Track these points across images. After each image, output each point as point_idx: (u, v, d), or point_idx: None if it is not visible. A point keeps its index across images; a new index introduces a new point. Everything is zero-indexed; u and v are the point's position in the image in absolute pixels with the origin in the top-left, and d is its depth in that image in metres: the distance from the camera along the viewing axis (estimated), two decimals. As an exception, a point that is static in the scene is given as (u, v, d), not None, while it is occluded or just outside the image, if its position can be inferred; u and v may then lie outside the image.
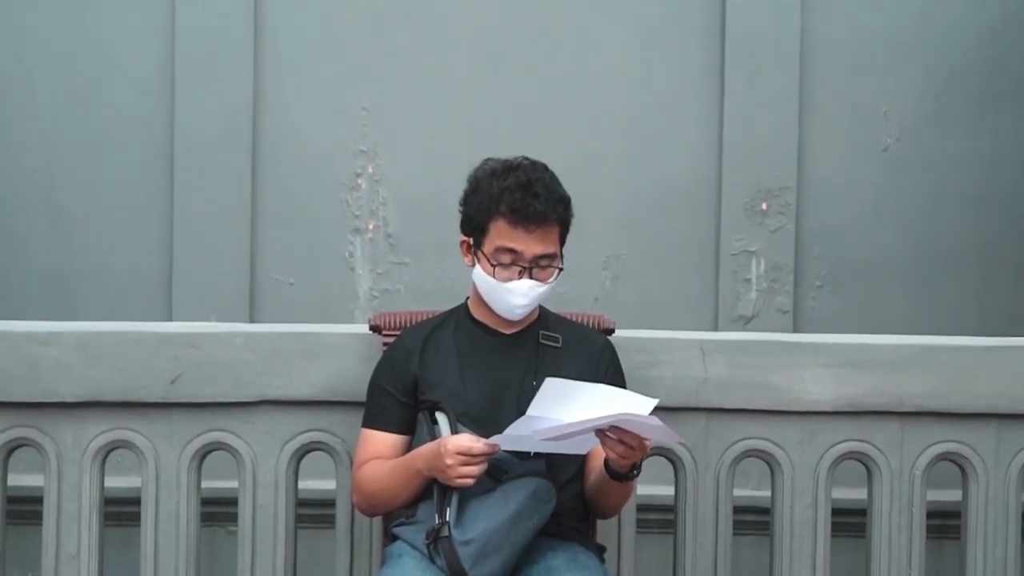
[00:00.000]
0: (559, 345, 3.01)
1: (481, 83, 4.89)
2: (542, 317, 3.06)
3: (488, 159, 3.01)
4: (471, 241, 2.98)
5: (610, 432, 2.70)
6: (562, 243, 2.97)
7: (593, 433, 2.71)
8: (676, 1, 4.91)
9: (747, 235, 4.89)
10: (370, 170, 4.88)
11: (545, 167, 3.00)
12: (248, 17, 4.83)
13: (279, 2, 4.88)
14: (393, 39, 4.88)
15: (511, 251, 2.90)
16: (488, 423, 2.88)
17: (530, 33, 4.89)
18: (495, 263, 2.91)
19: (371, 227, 4.89)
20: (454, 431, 2.85)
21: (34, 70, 4.85)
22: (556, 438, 2.70)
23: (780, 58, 4.88)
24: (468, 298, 3.07)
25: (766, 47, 4.87)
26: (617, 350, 3.08)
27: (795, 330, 4.84)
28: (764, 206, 4.89)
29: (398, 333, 3.10)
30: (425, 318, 3.12)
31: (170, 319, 4.78)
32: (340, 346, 3.22)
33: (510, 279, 2.92)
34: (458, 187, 3.04)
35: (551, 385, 2.72)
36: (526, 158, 3.00)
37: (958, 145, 4.95)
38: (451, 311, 3.09)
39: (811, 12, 4.91)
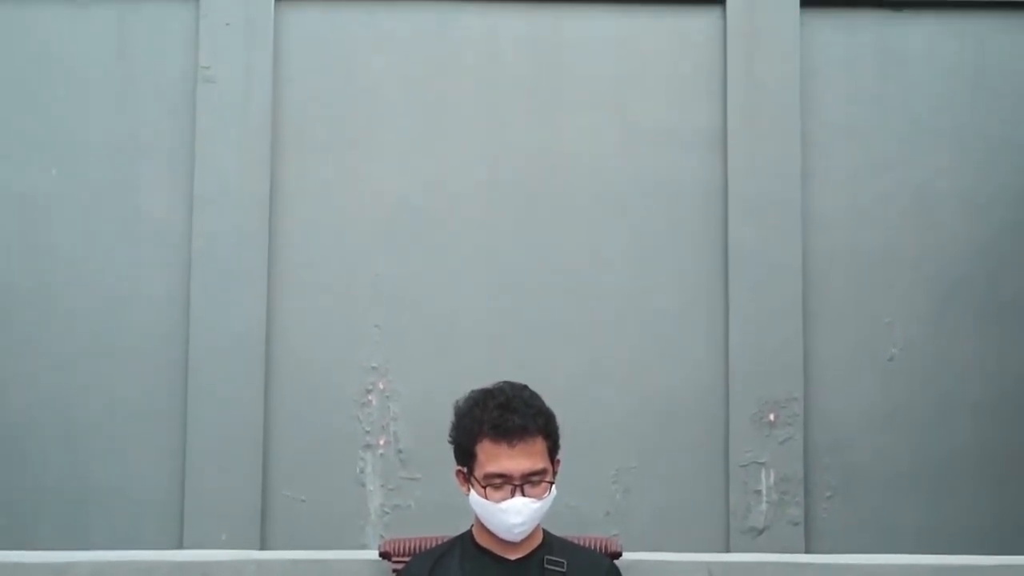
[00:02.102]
0: (564, 570, 3.02)
1: (490, 301, 4.99)
2: (546, 542, 3.08)
3: (471, 390, 3.07)
4: (465, 470, 3.03)
5: None
6: (552, 458, 3.01)
7: None
8: (679, 218, 5.03)
9: (756, 446, 4.91)
10: (381, 386, 4.95)
11: (524, 386, 3.06)
12: (263, 236, 4.95)
13: (293, 221, 5.00)
14: (405, 259, 5.00)
15: (500, 475, 2.95)
16: (493, 650, 2.89)
17: (537, 252, 5.01)
18: (486, 485, 2.96)
19: (382, 443, 4.93)
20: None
21: (54, 290, 4.96)
22: None
23: (783, 271, 4.97)
24: (473, 525, 3.09)
25: (768, 261, 4.96)
26: (624, 573, 3.09)
27: (807, 542, 4.84)
28: (772, 417, 4.92)
29: (407, 560, 3.12)
30: (434, 544, 3.14)
31: (182, 536, 4.80)
32: (350, 574, 3.23)
33: (503, 499, 2.95)
34: (468, 403, 3.09)
35: None
36: (506, 382, 3.06)
37: (962, 354, 5.01)
38: (457, 537, 3.11)
39: (812, 227, 5.02)
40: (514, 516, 2.94)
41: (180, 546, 4.80)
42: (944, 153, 5.09)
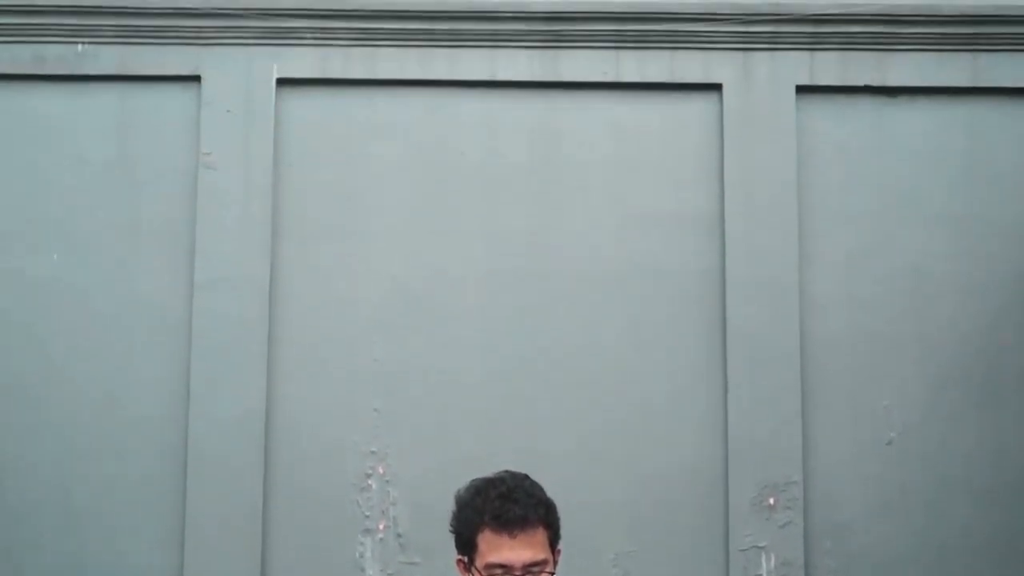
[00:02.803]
0: (566, 659, 3.02)
1: (489, 386, 5.00)
2: (546, 633, 3.07)
3: (473, 479, 3.08)
4: (465, 560, 3.03)
5: None
6: (553, 549, 3.01)
7: None
8: (677, 303, 5.05)
9: (755, 530, 4.90)
10: (380, 471, 4.94)
11: (525, 476, 3.07)
12: (262, 321, 4.98)
13: (293, 305, 5.03)
14: (404, 343, 5.01)
15: (501, 565, 2.95)
16: None
17: (535, 337, 5.03)
18: (487, 575, 2.96)
19: (381, 528, 4.92)
20: None
21: (53, 373, 4.97)
22: None
23: (780, 355, 4.99)
24: (473, 615, 3.09)
25: (766, 345, 4.98)
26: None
27: (808, 627, 4.83)
28: (771, 501, 4.91)
29: (407, 650, 3.11)
30: (433, 633, 3.13)
31: (180, 623, 4.79)
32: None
33: None
34: (469, 487, 3.10)
35: None
36: (507, 471, 3.08)
37: (961, 438, 5.00)
38: (456, 629, 3.10)
39: (809, 310, 5.04)
40: (514, 606, 2.95)
41: (178, 632, 4.79)
42: (941, 237, 5.13)
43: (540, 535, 2.97)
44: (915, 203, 5.14)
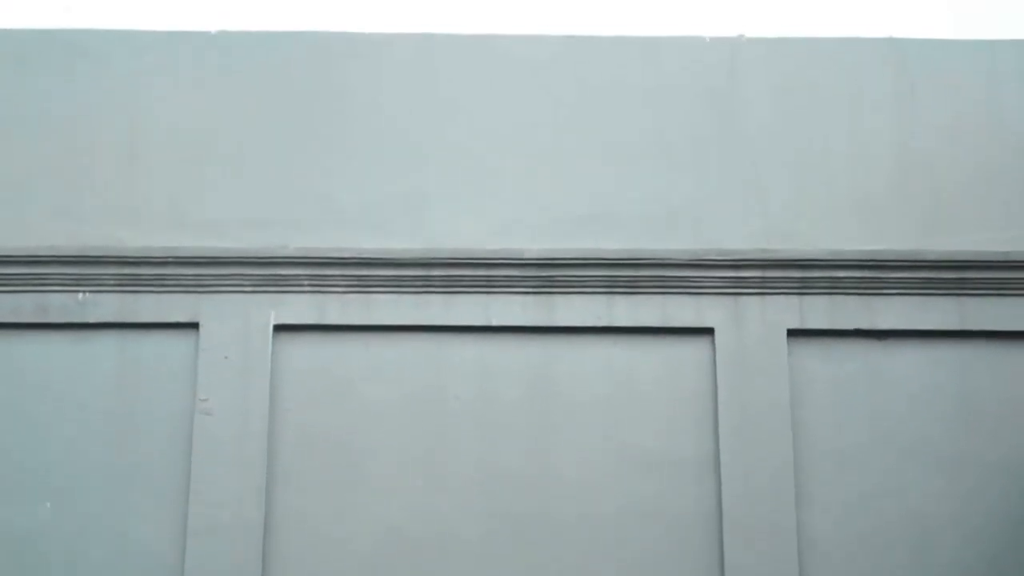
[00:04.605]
0: None
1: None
2: None
3: None
4: None
5: None
6: None
7: None
8: (674, 545, 5.03)
9: None
10: None
11: None
12: (256, 567, 4.94)
13: (287, 550, 4.99)
14: (398, 586, 4.99)
15: None
16: None
17: (531, 568, 4.99)
18: None
19: None
20: None
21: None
22: None
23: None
24: None
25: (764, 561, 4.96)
26: None
27: None
28: None
29: None
30: None
31: None
32: None
33: None
34: None
35: None
36: None
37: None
38: None
39: (808, 552, 5.02)
40: None
41: None
42: (937, 478, 5.13)
43: None
44: (909, 443, 5.16)
